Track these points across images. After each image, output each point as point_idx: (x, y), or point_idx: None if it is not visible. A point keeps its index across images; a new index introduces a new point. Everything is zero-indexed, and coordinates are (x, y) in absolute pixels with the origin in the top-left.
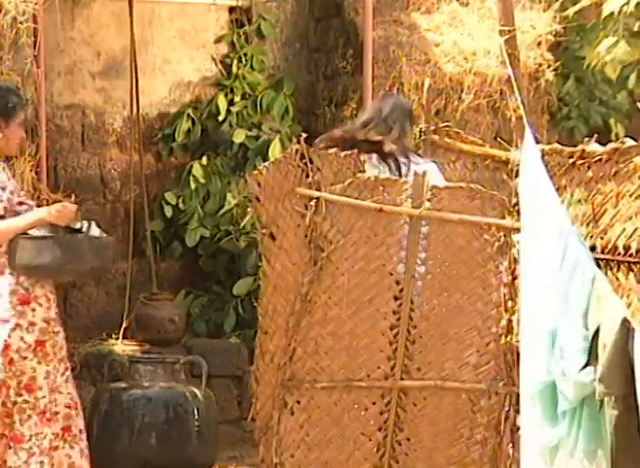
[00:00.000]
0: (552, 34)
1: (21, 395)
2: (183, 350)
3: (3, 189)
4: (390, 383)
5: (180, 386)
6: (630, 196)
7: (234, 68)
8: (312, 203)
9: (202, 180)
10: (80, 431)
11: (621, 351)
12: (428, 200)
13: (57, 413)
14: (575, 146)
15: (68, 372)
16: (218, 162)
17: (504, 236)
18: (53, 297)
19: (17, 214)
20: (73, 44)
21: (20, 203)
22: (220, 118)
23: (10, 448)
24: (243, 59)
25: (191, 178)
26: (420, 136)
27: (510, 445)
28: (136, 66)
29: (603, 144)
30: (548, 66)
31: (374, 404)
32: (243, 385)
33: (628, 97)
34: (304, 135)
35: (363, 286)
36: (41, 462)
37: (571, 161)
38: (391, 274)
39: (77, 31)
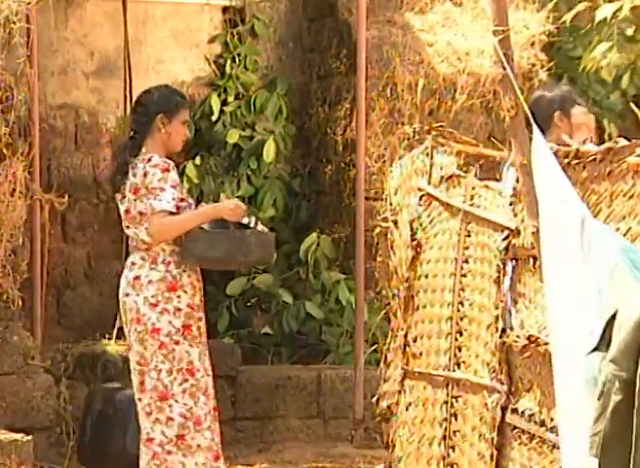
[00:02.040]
0: (546, 34)
1: (187, 380)
2: None
3: (174, 187)
4: (447, 374)
5: None
6: (624, 196)
7: (228, 68)
8: (420, 194)
9: (195, 180)
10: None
11: None
12: (471, 197)
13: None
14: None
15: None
16: (211, 162)
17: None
18: (199, 285)
19: (179, 209)
20: (67, 44)
21: (182, 199)
22: (214, 118)
23: (196, 431)
24: (236, 59)
25: (185, 178)
26: (414, 136)
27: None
28: (129, 66)
29: (597, 144)
30: (542, 67)
31: (441, 393)
32: (236, 385)
33: (621, 97)
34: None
35: (439, 275)
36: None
37: (565, 161)
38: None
39: (70, 31)
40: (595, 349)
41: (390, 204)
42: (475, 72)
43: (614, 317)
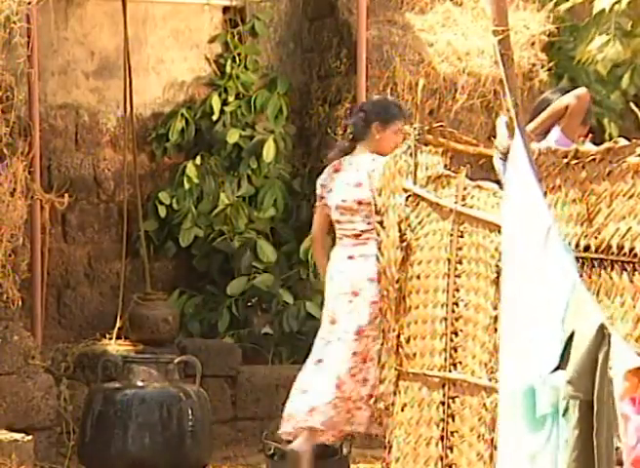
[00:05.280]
0: (546, 34)
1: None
2: (177, 350)
3: None
4: (443, 374)
5: (173, 386)
6: (624, 196)
7: (228, 68)
8: (406, 195)
9: (196, 180)
10: None
11: (595, 357)
12: (463, 198)
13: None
14: None
15: None
16: (211, 162)
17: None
18: None
19: None
20: (67, 44)
21: None
22: (214, 118)
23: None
24: (237, 59)
25: (185, 178)
26: (414, 135)
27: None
28: (129, 66)
29: (597, 144)
30: (542, 66)
31: (437, 394)
32: (237, 385)
33: (622, 96)
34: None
35: (432, 275)
36: None
37: (565, 161)
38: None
39: (71, 31)
40: (557, 368)
41: (375, 205)
42: (475, 72)
43: (572, 337)
